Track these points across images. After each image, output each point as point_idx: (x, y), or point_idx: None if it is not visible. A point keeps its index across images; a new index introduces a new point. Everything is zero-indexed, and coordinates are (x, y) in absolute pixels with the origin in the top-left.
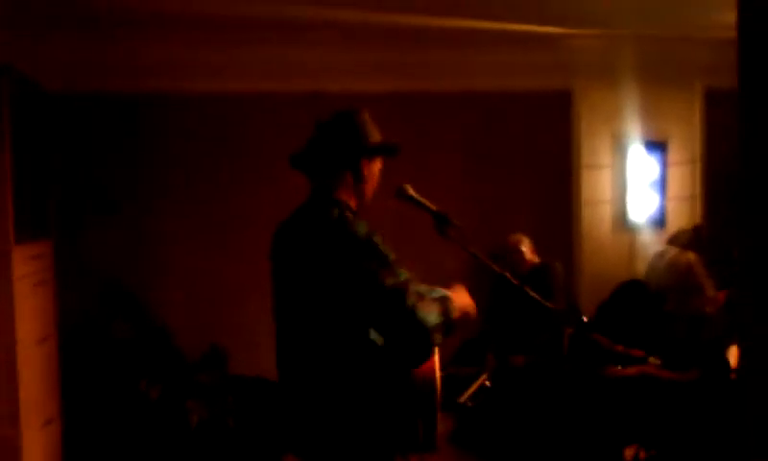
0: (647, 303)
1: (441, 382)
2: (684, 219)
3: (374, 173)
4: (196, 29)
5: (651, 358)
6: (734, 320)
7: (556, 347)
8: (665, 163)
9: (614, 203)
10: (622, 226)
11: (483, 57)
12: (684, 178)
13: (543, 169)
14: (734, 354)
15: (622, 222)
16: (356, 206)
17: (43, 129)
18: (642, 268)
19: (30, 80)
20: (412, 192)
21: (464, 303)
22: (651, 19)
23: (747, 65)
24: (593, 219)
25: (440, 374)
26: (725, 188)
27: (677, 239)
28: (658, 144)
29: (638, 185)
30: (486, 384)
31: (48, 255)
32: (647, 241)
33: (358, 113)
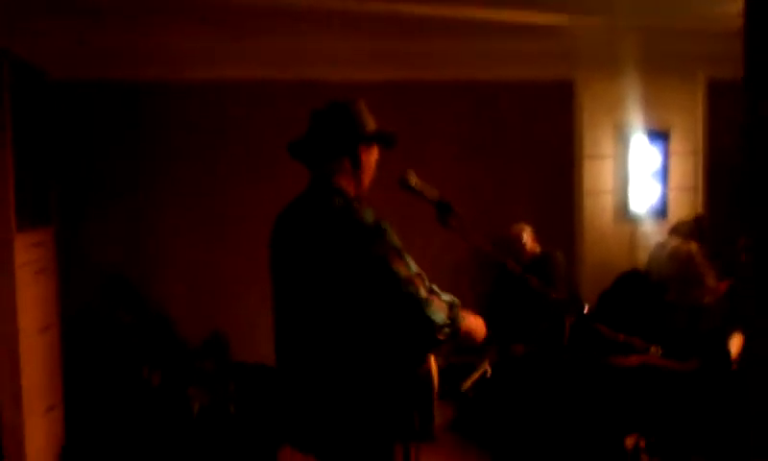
0: (648, 292)
1: (440, 372)
2: (686, 209)
3: (372, 161)
4: (196, 17)
5: (652, 348)
6: (735, 310)
7: (557, 336)
8: (667, 154)
9: (616, 193)
10: (624, 216)
11: (484, 46)
12: (686, 168)
13: (545, 159)
14: (736, 344)
15: (624, 212)
16: (355, 194)
17: (44, 116)
18: (643, 258)
19: (31, 66)
20: (415, 181)
21: (475, 323)
22: (654, 9)
23: (753, 56)
24: (595, 209)
25: (437, 364)
26: (727, 179)
27: (678, 229)
28: (660, 134)
29: (640, 176)
30: (487, 373)
31: (50, 243)
32: (648, 231)
33: (355, 102)
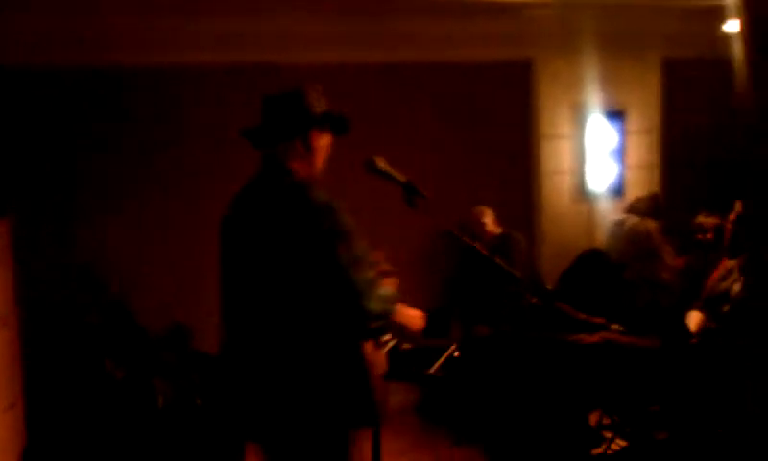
0: (608, 271)
1: (407, 355)
2: (643, 188)
3: (324, 145)
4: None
5: (613, 325)
6: (692, 286)
7: (520, 316)
8: (624, 133)
9: (574, 173)
10: (581, 195)
11: (443, 28)
12: (643, 147)
13: (504, 140)
14: (694, 320)
15: (581, 191)
16: (307, 176)
17: None
18: (601, 237)
19: None
20: (382, 164)
21: (409, 316)
22: None
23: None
24: (553, 189)
25: (382, 349)
26: (682, 157)
27: (635, 207)
28: (616, 114)
29: (598, 155)
30: (455, 355)
31: (5, 235)
32: (606, 210)
33: (307, 86)
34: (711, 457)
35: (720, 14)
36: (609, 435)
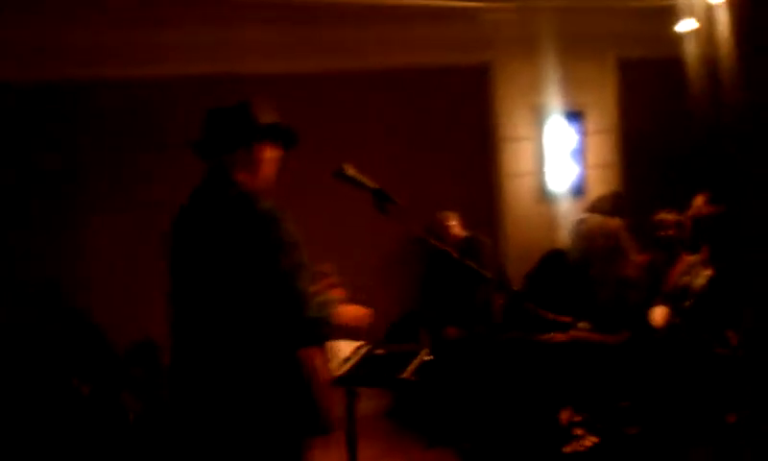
0: (573, 270)
1: (379, 360)
2: (604, 186)
3: (270, 158)
4: (108, 10)
5: (580, 324)
6: (655, 282)
7: (488, 317)
8: (583, 133)
9: (535, 174)
10: (543, 196)
11: (402, 33)
12: (602, 146)
13: (465, 143)
14: (659, 314)
15: (543, 192)
16: (252, 188)
17: None
18: (564, 237)
19: None
20: (351, 172)
21: (350, 314)
22: None
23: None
24: (515, 191)
25: (323, 358)
26: (640, 155)
27: (597, 206)
28: (575, 114)
29: (558, 156)
30: (426, 358)
31: None
32: (568, 210)
33: (253, 98)
34: (681, 450)
35: (672, 15)
36: (580, 432)
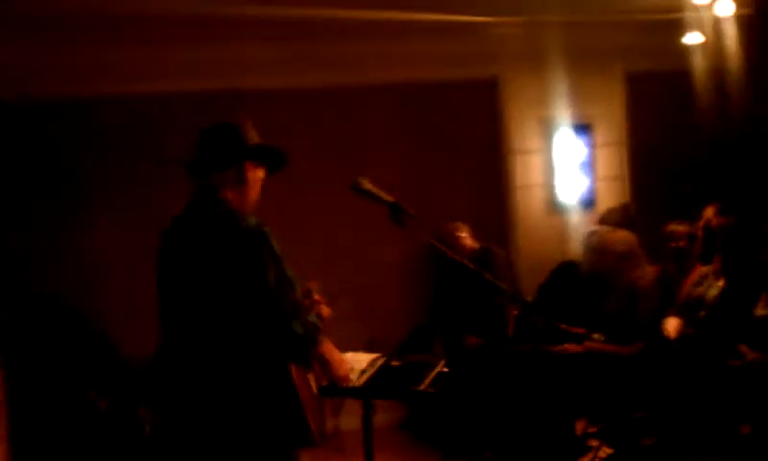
0: (585, 281)
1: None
2: (613, 199)
3: (258, 178)
4: (108, 29)
5: (594, 335)
6: (668, 293)
7: (502, 329)
8: (592, 145)
9: (545, 186)
10: (553, 208)
11: (410, 48)
12: (611, 159)
13: (475, 157)
14: (672, 325)
15: (553, 204)
16: (239, 207)
17: None
18: (575, 248)
19: None
20: (368, 185)
21: (337, 355)
22: (573, 5)
23: None
24: (526, 203)
25: (309, 371)
26: (649, 167)
27: (607, 218)
28: (584, 127)
29: (567, 168)
30: (444, 370)
31: None
32: (578, 222)
33: (240, 118)
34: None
35: (680, 28)
36: (595, 443)
